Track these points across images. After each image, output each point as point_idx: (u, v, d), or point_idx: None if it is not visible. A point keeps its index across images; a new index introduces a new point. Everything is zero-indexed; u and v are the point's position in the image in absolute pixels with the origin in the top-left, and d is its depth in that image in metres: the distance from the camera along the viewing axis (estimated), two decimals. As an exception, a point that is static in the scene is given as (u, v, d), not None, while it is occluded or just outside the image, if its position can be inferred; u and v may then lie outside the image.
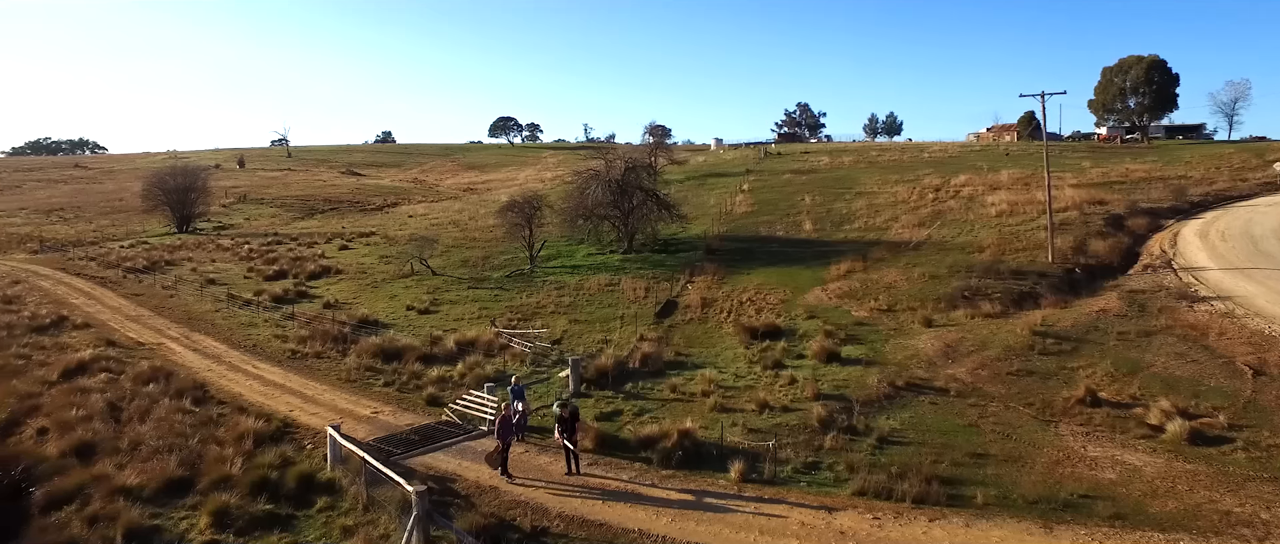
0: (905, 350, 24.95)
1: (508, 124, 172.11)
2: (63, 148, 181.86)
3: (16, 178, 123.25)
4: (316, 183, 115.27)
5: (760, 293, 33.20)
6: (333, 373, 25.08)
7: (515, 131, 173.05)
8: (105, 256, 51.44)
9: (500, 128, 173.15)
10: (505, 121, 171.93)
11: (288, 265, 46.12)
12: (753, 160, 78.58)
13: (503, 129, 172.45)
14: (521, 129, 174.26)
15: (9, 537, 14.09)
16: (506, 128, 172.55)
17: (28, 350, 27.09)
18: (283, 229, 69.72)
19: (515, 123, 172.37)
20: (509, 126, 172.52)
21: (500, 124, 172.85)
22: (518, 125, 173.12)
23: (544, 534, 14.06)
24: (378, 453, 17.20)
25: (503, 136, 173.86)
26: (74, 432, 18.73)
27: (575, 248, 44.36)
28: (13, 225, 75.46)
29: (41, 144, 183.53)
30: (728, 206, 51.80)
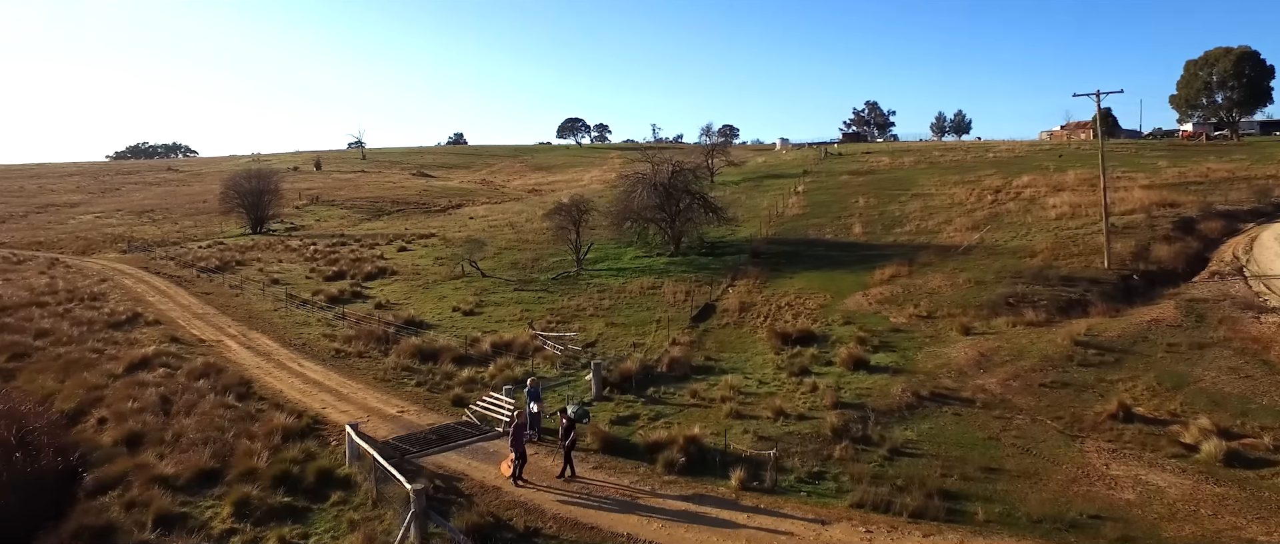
0: (937, 359, 24.48)
1: (576, 125, 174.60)
2: (159, 151, 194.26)
3: (117, 180, 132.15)
4: (386, 184, 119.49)
5: (800, 297, 33.01)
6: (370, 372, 26.30)
7: (582, 132, 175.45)
8: (183, 256, 54.89)
9: (568, 129, 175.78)
10: (573, 123, 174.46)
11: (347, 266, 48.21)
12: (813, 161, 77.62)
13: (571, 130, 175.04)
14: (588, 130, 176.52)
15: (58, 517, 15.50)
16: (574, 129, 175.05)
17: (102, 345, 29.33)
18: (349, 230, 72.79)
19: (583, 124, 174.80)
20: (577, 128, 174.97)
21: (568, 125, 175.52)
22: (585, 126, 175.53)
23: (536, 535, 14.58)
24: (394, 451, 18.11)
25: (571, 138, 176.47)
26: (127, 422, 20.33)
27: (623, 250, 44.92)
28: (109, 226, 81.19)
29: (140, 148, 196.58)
30: (779, 209, 51.44)
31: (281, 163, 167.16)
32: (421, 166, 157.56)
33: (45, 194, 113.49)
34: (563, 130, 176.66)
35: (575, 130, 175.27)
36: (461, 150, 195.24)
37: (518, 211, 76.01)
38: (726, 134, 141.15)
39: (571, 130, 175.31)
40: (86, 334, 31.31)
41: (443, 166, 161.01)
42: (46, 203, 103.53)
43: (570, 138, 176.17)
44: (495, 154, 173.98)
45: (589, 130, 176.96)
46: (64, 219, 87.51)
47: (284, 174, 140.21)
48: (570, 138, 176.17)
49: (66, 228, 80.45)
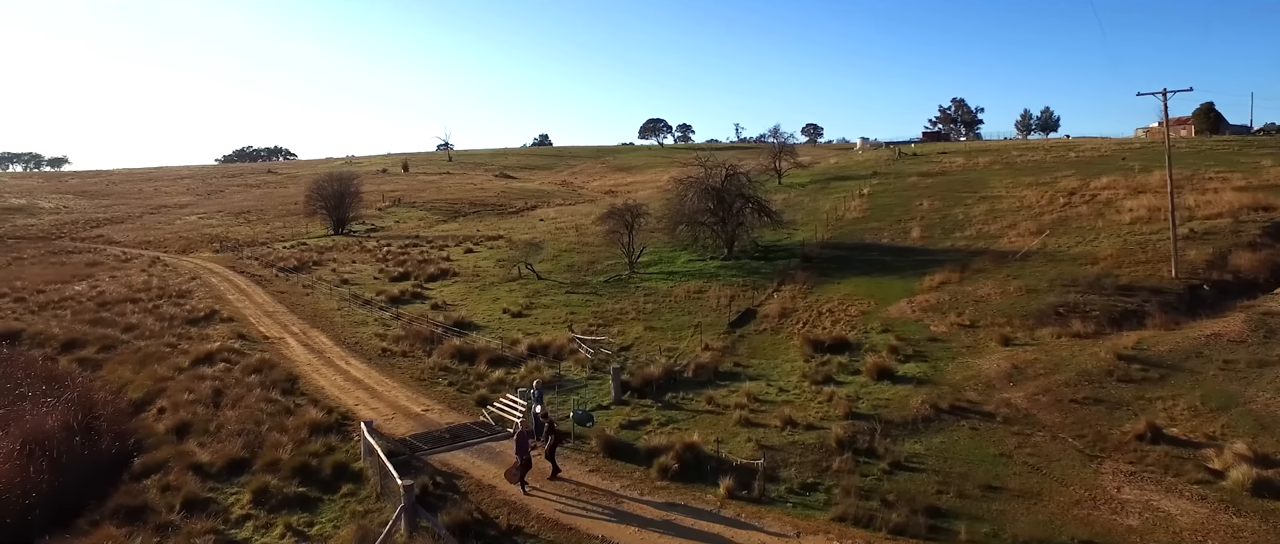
0: (967, 370, 23.94)
1: (657, 126, 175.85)
2: (261, 155, 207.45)
3: (222, 183, 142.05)
4: (467, 186, 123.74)
5: (843, 304, 32.71)
6: (409, 371, 27.79)
7: (664, 133, 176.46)
8: (267, 256, 58.84)
9: (650, 129, 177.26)
10: (655, 123, 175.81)
11: (412, 268, 50.58)
12: (886, 162, 75.83)
13: (652, 130, 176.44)
14: (670, 130, 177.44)
15: (103, 496, 17.35)
16: (656, 129, 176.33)
17: (176, 339, 32.07)
18: (425, 231, 76.09)
19: (664, 124, 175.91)
20: (658, 128, 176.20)
21: (650, 126, 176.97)
22: (667, 127, 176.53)
23: (517, 533, 15.36)
24: (405, 448, 19.32)
25: (652, 138, 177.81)
26: (179, 413, 22.37)
27: (677, 254, 45.41)
28: (209, 226, 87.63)
29: (245, 152, 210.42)
30: (840, 211, 50.74)
31: (372, 165, 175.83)
32: (505, 168, 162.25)
33: (159, 196, 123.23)
34: (644, 131, 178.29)
35: (657, 131, 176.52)
36: (545, 151, 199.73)
37: (587, 214, 77.51)
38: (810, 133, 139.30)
39: (653, 131, 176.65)
40: (166, 329, 34.26)
41: (526, 168, 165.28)
42: (159, 204, 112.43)
43: (652, 139, 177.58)
44: (578, 155, 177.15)
45: (671, 131, 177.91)
46: (171, 220, 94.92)
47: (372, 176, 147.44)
48: (652, 139, 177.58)
49: (173, 228, 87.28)
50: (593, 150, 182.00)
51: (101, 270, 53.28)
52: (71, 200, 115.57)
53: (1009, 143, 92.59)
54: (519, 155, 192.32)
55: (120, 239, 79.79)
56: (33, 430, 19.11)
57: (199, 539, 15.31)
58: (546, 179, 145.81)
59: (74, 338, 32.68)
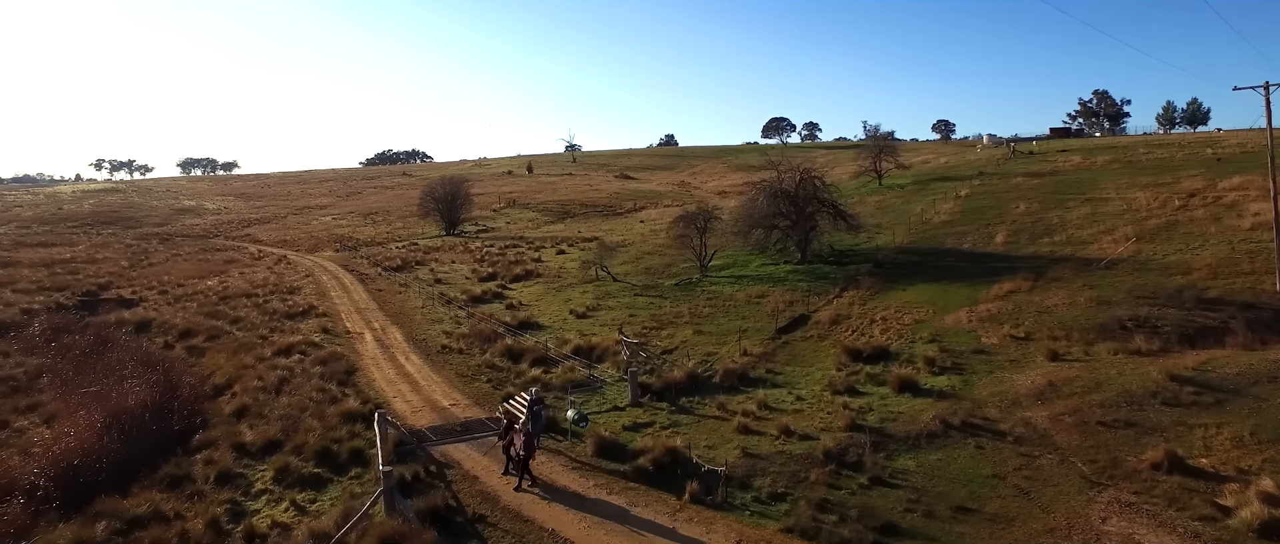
0: (998, 386, 23.14)
1: (780, 124, 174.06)
2: (399, 157, 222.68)
3: (360, 185, 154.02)
4: (583, 187, 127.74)
5: (899, 312, 32.06)
6: (457, 368, 29.99)
7: (788, 132, 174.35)
8: (377, 256, 63.95)
9: (773, 128, 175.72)
10: (778, 122, 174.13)
11: (501, 268, 53.56)
12: (997, 161, 71.84)
13: (775, 129, 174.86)
14: (794, 129, 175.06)
15: (157, 466, 20.35)
16: (779, 128, 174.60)
17: (269, 332, 36.06)
18: (530, 232, 79.77)
19: (788, 123, 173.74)
20: (782, 127, 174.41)
21: (773, 124, 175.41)
22: (791, 125, 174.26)
23: (481, 521, 16.78)
24: (413, 438, 21.26)
25: (775, 137, 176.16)
26: (244, 398, 25.54)
27: (751, 258, 45.66)
28: (339, 227, 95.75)
29: (385, 155, 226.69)
30: (928, 215, 49.05)
31: (499, 167, 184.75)
32: (626, 169, 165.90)
33: (305, 198, 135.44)
34: (767, 130, 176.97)
35: (780, 130, 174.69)
36: (668, 152, 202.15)
37: (687, 215, 78.42)
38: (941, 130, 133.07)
39: (776, 130, 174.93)
40: (266, 322, 38.51)
41: (647, 168, 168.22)
42: (303, 205, 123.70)
43: (775, 137, 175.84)
44: (700, 155, 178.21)
45: (794, 129, 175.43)
46: (309, 220, 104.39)
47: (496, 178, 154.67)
48: (775, 137, 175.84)
49: (308, 228, 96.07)
50: (715, 150, 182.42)
51: (235, 267, 59.97)
52: (232, 202, 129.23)
53: (1139, 139, 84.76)
54: (643, 156, 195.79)
55: (263, 238, 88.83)
56: (116, 407, 22.66)
57: (217, 507, 17.78)
58: (664, 180, 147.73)
59: (190, 328, 37.48)
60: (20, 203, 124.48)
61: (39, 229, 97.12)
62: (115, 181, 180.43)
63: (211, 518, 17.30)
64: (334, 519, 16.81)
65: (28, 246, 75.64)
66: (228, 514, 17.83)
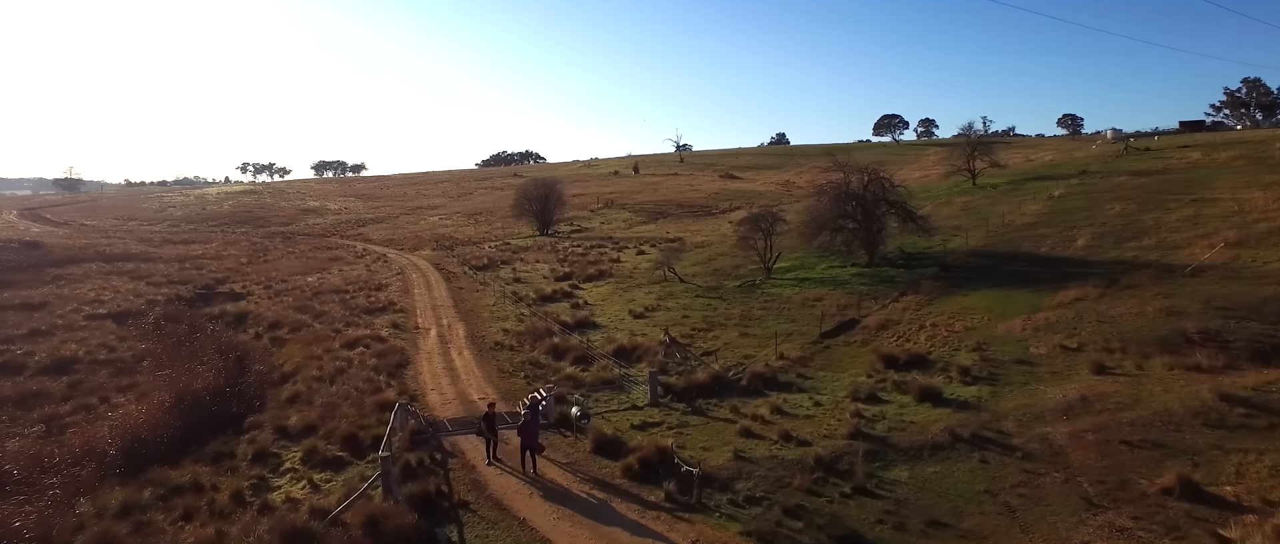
0: (1026, 398, 22.23)
1: (892, 122, 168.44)
2: (513, 159, 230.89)
3: (472, 186, 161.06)
4: (684, 188, 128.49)
5: (953, 318, 31.07)
6: (502, 363, 31.47)
7: (900, 129, 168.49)
8: (467, 256, 67.12)
9: (884, 126, 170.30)
10: (890, 120, 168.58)
11: (576, 268, 55.15)
12: (1107, 157, 66.94)
13: (887, 127, 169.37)
14: (906, 125, 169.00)
15: (208, 441, 22.76)
16: (891, 125, 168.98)
17: (344, 326, 38.94)
18: (620, 233, 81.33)
19: (900, 120, 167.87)
20: (893, 124, 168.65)
21: (884, 122, 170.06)
22: (903, 122, 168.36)
23: (464, 507, 17.93)
24: (430, 428, 22.74)
25: (887, 135, 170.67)
26: (299, 385, 27.95)
27: (819, 260, 45.13)
28: (443, 227, 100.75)
29: (500, 156, 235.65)
30: (1011, 217, 46.70)
31: (607, 167, 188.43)
32: (733, 168, 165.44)
33: (419, 198, 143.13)
34: (878, 127, 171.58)
35: (892, 127, 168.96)
36: (777, 151, 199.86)
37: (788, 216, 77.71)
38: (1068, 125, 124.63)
39: (888, 127, 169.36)
40: (347, 316, 41.56)
41: (754, 168, 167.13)
42: (415, 206, 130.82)
43: (887, 135, 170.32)
44: (809, 154, 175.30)
45: (907, 126, 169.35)
46: (418, 220, 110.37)
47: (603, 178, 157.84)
48: (887, 135, 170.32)
49: (416, 228, 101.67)
50: (824, 148, 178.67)
51: (336, 265, 64.61)
52: (352, 203, 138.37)
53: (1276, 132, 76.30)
54: (751, 155, 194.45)
55: (373, 237, 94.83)
56: (184, 389, 25.47)
57: (245, 482, 19.83)
58: (769, 179, 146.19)
59: (279, 320, 41.00)
60: (175, 204, 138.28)
61: (186, 227, 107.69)
62: (253, 184, 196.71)
63: (236, 490, 19.34)
64: (338, 497, 18.41)
65: (171, 244, 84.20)
66: (252, 488, 19.85)
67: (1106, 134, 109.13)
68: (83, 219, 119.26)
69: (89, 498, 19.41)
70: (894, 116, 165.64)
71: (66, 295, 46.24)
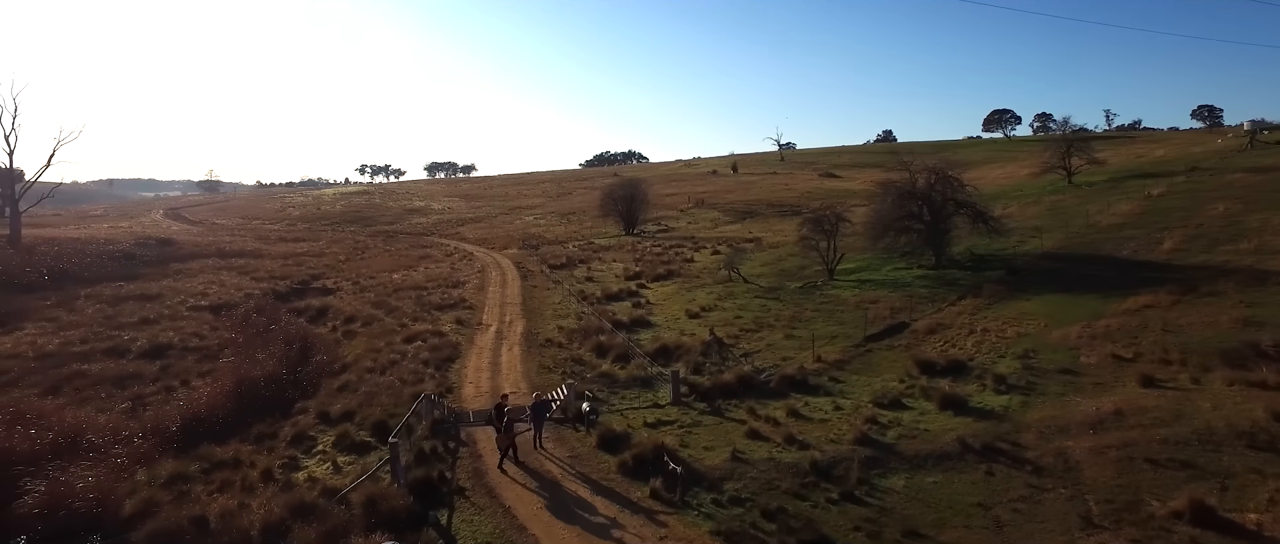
0: (1057, 409, 21.13)
1: (1002, 117, 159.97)
2: (616, 159, 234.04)
3: (571, 186, 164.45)
4: (778, 187, 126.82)
5: (1007, 323, 29.71)
6: (545, 360, 32.37)
7: (1012, 124, 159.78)
8: (549, 255, 68.86)
9: (995, 121, 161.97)
10: (1000, 115, 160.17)
11: (648, 268, 55.68)
12: (1227, 152, 61.27)
13: (997, 123, 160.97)
14: (1018, 121, 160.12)
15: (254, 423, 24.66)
16: (1001, 121, 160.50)
17: (411, 321, 40.94)
18: (704, 233, 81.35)
19: (1011, 115, 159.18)
20: (1004, 119, 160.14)
21: (995, 117, 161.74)
22: (1015, 117, 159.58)
23: (460, 493, 18.80)
24: (455, 418, 23.82)
25: (997, 131, 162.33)
26: (352, 376, 29.78)
27: (885, 262, 43.91)
28: (536, 226, 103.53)
29: (603, 156, 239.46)
30: (1099, 217, 43.78)
31: (706, 166, 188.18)
32: (835, 167, 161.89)
33: (519, 198, 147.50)
34: (989, 123, 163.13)
35: (1003, 122, 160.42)
36: (882, 149, 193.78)
37: (863, 216, 75.72)
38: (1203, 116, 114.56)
39: (997, 123, 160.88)
40: (416, 312, 43.68)
41: (856, 166, 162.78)
42: (514, 206, 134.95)
43: (997, 131, 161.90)
44: (913, 151, 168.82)
45: (1019, 121, 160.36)
46: (513, 219, 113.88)
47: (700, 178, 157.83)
48: (997, 131, 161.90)
49: (511, 227, 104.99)
50: (930, 146, 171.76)
51: (424, 263, 67.74)
52: (456, 203, 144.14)
53: None
54: (854, 153, 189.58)
55: (468, 236, 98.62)
56: (245, 375, 27.68)
57: (277, 461, 21.48)
58: (870, 178, 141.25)
59: (354, 314, 43.57)
60: (294, 204, 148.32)
61: (301, 226, 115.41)
62: (366, 185, 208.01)
63: (267, 468, 20.99)
64: (351, 478, 19.69)
65: (283, 241, 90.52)
66: (283, 467, 21.46)
67: (1243, 126, 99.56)
68: (214, 218, 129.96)
69: (145, 468, 21.51)
70: (1005, 112, 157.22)
71: (179, 288, 50.80)
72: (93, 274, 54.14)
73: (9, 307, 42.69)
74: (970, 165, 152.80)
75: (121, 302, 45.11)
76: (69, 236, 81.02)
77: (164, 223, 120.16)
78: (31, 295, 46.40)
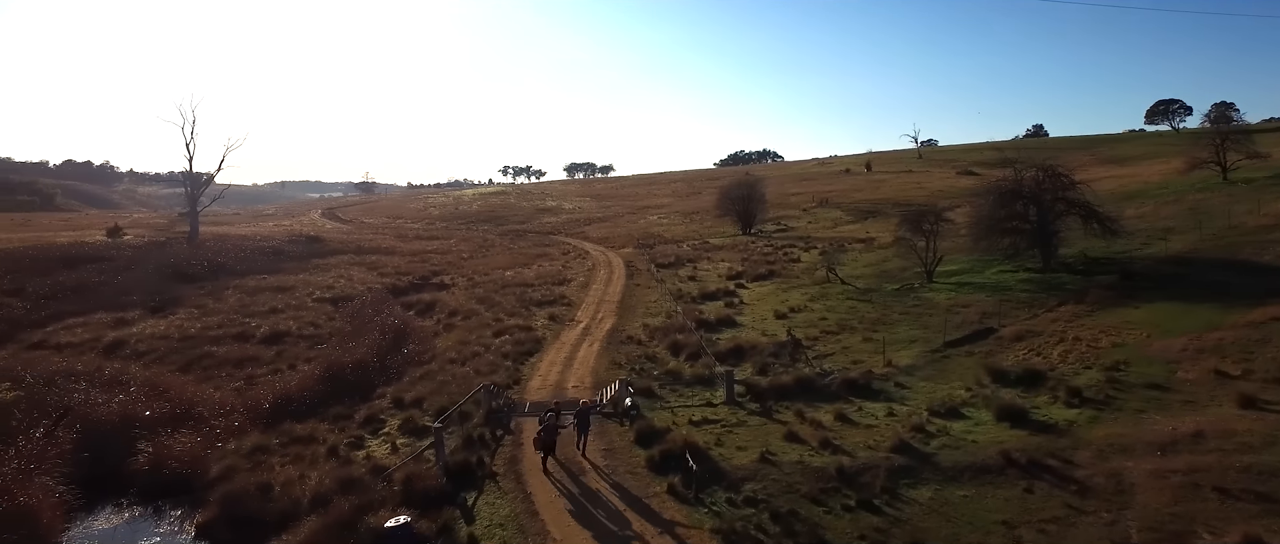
0: (1126, 427, 19.43)
1: (1169, 108, 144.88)
2: (751, 158, 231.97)
3: (702, 185, 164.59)
4: (910, 185, 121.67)
5: (1104, 332, 27.42)
6: (618, 356, 32.91)
7: (1180, 115, 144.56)
8: (660, 254, 69.49)
9: (1160, 112, 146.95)
10: (1165, 105, 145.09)
11: (750, 267, 55.10)
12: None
13: (1161, 114, 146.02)
14: (1189, 111, 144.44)
15: (333, 405, 26.71)
16: (1168, 112, 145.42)
17: (506, 316, 42.67)
18: (821, 233, 79.38)
19: (1179, 106, 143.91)
20: (1171, 111, 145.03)
21: (1160, 108, 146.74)
22: (1185, 108, 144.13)
23: (491, 478, 19.66)
24: (512, 409, 24.86)
25: (1163, 122, 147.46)
26: (434, 365, 31.58)
27: (989, 264, 41.41)
28: (658, 226, 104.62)
29: (737, 156, 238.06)
30: (1244, 218, 39.11)
31: (840, 165, 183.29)
32: (977, 164, 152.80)
33: (648, 198, 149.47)
34: (1152, 114, 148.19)
35: (1169, 114, 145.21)
36: (1031, 144, 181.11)
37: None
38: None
39: (1163, 114, 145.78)
40: (514, 307, 45.45)
41: (999, 163, 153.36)
42: (642, 205, 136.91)
43: (1162, 123, 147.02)
44: (1065, 146, 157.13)
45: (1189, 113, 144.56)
46: (637, 219, 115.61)
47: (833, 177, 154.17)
48: (1162, 123, 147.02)
49: (633, 226, 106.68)
50: (1084, 140, 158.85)
51: (539, 261, 70.17)
52: (586, 203, 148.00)
53: None
54: (999, 148, 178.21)
55: (591, 235, 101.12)
56: (335, 362, 30.04)
57: (344, 439, 23.28)
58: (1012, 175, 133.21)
59: (457, 309, 45.94)
60: (436, 204, 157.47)
61: (438, 225, 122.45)
62: (503, 186, 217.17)
63: (334, 445, 22.83)
64: (402, 459, 21.06)
65: (418, 239, 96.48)
66: (349, 445, 23.19)
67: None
68: (363, 217, 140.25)
69: (235, 439, 23.92)
70: (1172, 102, 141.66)
71: (312, 281, 55.45)
72: (244, 267, 60.10)
73: (170, 294, 48.23)
74: (1125, 160, 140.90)
75: (259, 292, 49.83)
76: (237, 234, 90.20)
77: (319, 221, 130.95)
78: (190, 285, 52.17)
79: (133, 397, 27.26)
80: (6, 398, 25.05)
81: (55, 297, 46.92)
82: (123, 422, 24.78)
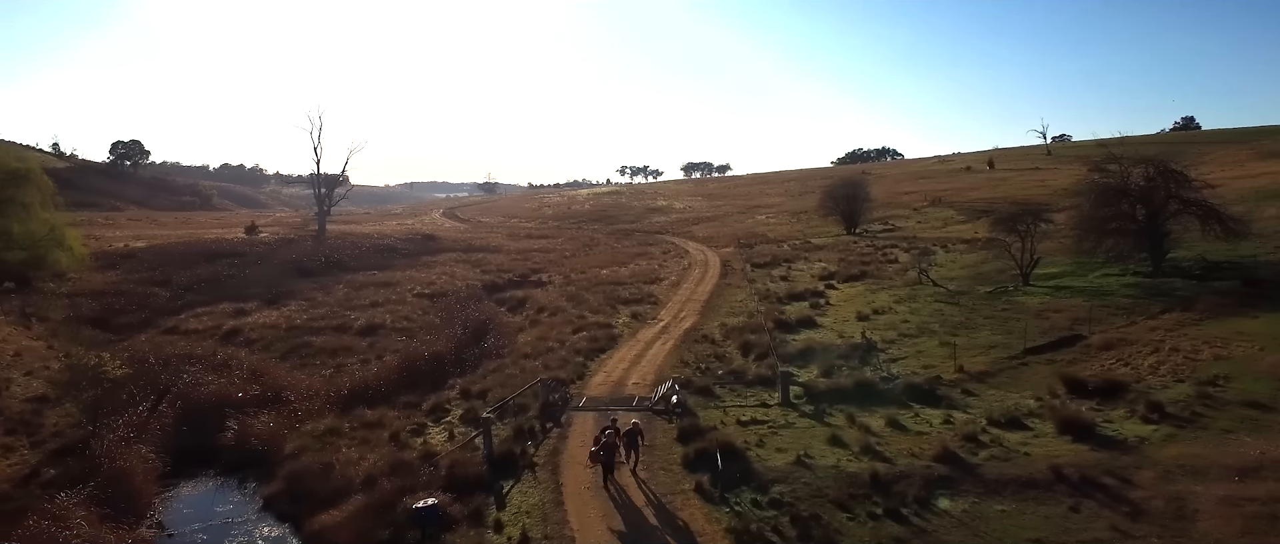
0: (1205, 448, 17.88)
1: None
2: (869, 156, 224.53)
3: (816, 185, 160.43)
4: (1031, 184, 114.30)
5: (1207, 343, 25.12)
6: (688, 354, 32.84)
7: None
8: (758, 254, 68.62)
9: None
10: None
11: (844, 268, 53.52)
12: None
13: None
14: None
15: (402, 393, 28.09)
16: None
17: (589, 313, 43.32)
18: (928, 232, 76.06)
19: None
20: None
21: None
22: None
23: (531, 468, 20.21)
24: (566, 403, 25.41)
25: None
26: (507, 359, 32.64)
27: (1093, 267, 38.61)
28: (763, 226, 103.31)
29: (855, 154, 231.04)
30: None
31: (962, 162, 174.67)
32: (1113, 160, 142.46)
33: (759, 197, 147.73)
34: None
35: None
36: (1176, 138, 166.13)
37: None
38: None
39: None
40: (599, 305, 45.96)
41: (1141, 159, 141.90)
42: (752, 204, 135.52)
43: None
44: (1217, 140, 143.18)
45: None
46: (746, 218, 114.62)
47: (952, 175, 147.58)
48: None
49: (738, 226, 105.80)
50: (1240, 132, 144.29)
51: (636, 260, 70.74)
52: (697, 202, 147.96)
53: None
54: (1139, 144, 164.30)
55: (697, 234, 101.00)
56: (413, 354, 31.67)
57: (407, 426, 24.52)
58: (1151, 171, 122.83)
59: (545, 306, 47.09)
60: (550, 203, 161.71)
61: (551, 224, 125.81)
62: (618, 186, 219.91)
63: (396, 431, 24.09)
64: (455, 445, 22.01)
65: (528, 238, 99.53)
66: (410, 431, 24.39)
67: None
68: (480, 216, 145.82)
69: (311, 421, 25.67)
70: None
71: (416, 277, 58.38)
72: (357, 263, 63.99)
73: (285, 287, 52.08)
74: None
75: (364, 287, 52.93)
76: (360, 231, 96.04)
77: (439, 220, 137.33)
78: (307, 279, 56.11)
79: (233, 380, 29.73)
80: (120, 375, 27.93)
81: (192, 287, 51.61)
82: (218, 401, 27.12)
